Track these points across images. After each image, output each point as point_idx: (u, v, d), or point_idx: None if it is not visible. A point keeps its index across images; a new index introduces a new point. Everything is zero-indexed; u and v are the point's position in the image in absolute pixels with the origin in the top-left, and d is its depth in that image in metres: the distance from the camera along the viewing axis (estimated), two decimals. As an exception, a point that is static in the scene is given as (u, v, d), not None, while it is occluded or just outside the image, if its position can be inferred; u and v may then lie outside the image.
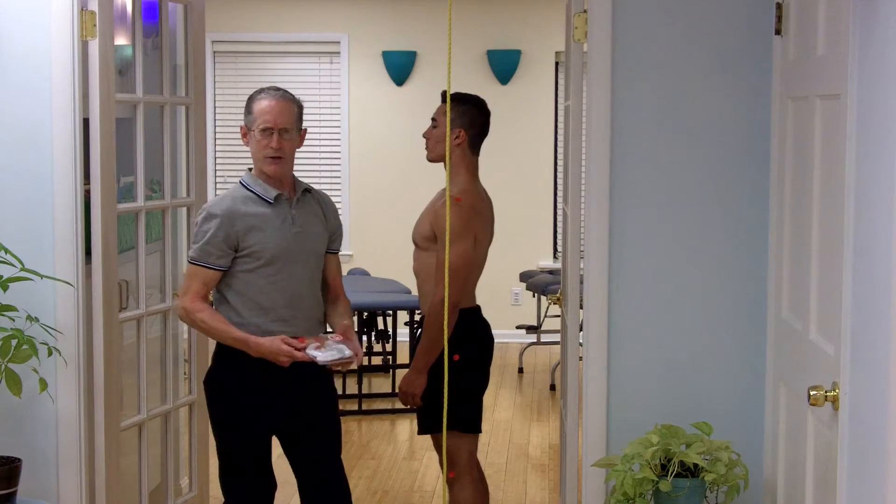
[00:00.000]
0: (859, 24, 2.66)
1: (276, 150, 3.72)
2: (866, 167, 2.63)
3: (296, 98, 3.82)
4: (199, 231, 3.70)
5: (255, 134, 3.75)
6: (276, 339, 3.58)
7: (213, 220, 3.68)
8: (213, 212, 3.70)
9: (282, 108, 3.73)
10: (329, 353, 3.58)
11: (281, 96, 3.76)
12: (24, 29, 3.96)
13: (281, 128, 3.72)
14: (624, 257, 3.85)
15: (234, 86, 9.78)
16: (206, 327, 3.70)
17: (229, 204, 3.72)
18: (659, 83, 3.81)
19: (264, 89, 3.80)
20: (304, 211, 3.82)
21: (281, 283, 3.71)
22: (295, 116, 3.77)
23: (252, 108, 3.76)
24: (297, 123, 3.78)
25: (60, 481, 4.04)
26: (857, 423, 2.68)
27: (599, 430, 3.87)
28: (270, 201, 3.74)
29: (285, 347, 3.57)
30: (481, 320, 4.37)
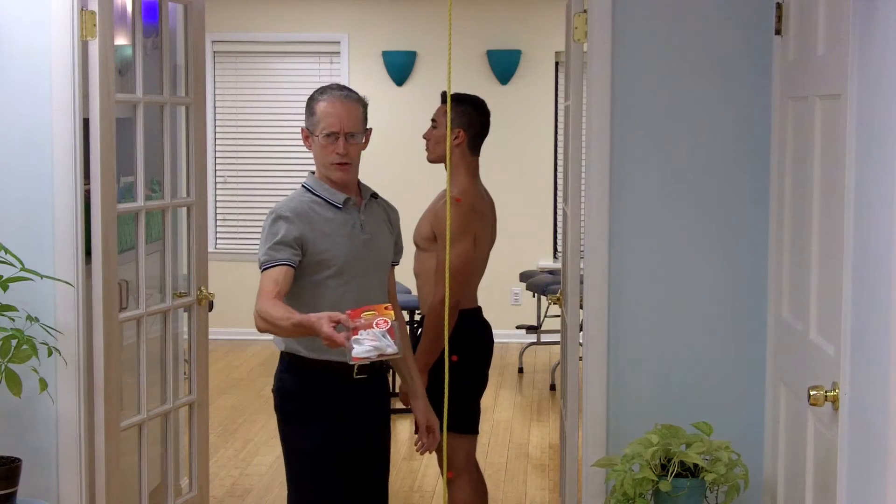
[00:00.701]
0: (859, 24, 2.66)
1: (343, 156, 3.49)
2: (866, 167, 2.63)
3: (361, 96, 3.57)
4: (268, 234, 3.44)
5: (318, 138, 3.49)
6: (322, 316, 3.13)
7: (281, 220, 3.44)
8: (283, 213, 3.46)
9: (348, 110, 3.48)
10: (365, 347, 3.10)
11: (345, 96, 3.51)
12: (24, 29, 3.96)
13: (347, 132, 3.48)
14: (624, 257, 3.85)
15: (234, 86, 9.79)
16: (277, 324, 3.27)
17: (297, 205, 3.49)
18: (659, 83, 3.81)
19: (327, 88, 3.54)
20: (372, 217, 3.62)
21: (351, 294, 3.46)
22: (361, 118, 3.52)
23: (314, 109, 3.51)
24: (363, 125, 3.54)
25: (60, 481, 4.04)
26: (857, 423, 2.68)
27: (599, 430, 3.87)
28: (339, 206, 3.52)
29: (326, 330, 3.09)
30: (482, 321, 4.37)
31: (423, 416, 3.75)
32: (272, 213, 3.49)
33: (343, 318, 3.12)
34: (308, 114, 3.53)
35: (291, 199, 3.54)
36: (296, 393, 3.55)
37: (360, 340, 3.09)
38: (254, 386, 7.96)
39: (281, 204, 3.53)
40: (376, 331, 3.11)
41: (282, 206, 3.50)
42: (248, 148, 9.77)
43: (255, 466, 6.14)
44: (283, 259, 3.38)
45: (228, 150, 9.82)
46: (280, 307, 3.27)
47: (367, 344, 3.08)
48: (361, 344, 3.09)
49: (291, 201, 3.52)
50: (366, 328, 3.12)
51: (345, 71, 9.59)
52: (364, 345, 3.08)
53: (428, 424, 3.74)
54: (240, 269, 9.43)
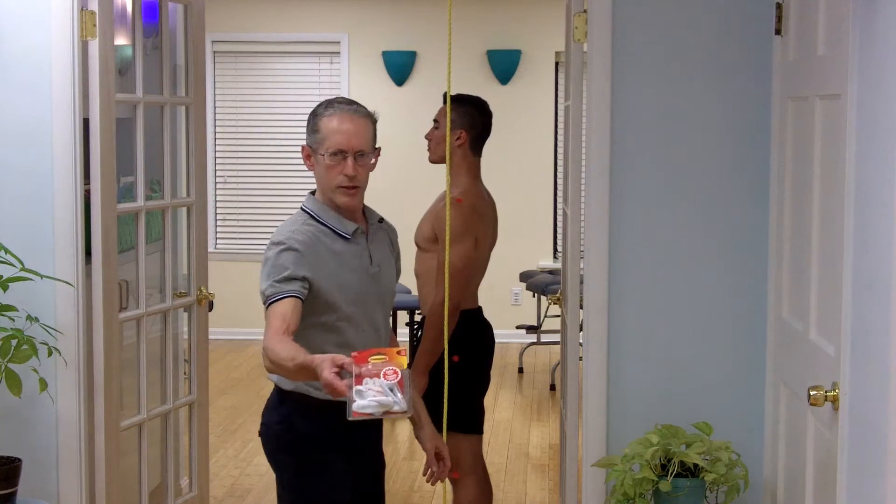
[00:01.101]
0: (859, 24, 2.66)
1: (351, 179, 3.13)
2: (866, 167, 2.63)
3: (370, 111, 3.22)
4: (273, 266, 3.06)
5: (323, 158, 3.14)
6: (325, 359, 2.74)
7: (289, 252, 3.07)
8: (291, 245, 3.08)
9: (357, 127, 3.14)
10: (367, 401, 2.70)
11: (354, 111, 3.16)
12: (24, 29, 3.96)
13: (356, 151, 3.14)
14: (624, 257, 3.85)
15: (234, 86, 9.79)
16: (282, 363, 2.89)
17: (305, 237, 3.11)
18: (659, 83, 3.81)
19: (332, 102, 3.19)
20: (379, 245, 3.30)
21: (359, 335, 3.18)
22: (371, 135, 3.18)
23: (319, 125, 3.15)
24: (373, 143, 3.19)
25: (60, 481, 4.04)
26: (857, 423, 2.68)
27: (599, 430, 3.87)
28: (348, 237, 3.19)
29: (327, 376, 2.69)
30: (483, 321, 4.37)
31: (430, 443, 3.42)
32: (277, 242, 3.11)
33: (347, 363, 2.71)
34: (311, 130, 3.19)
35: (296, 229, 3.14)
36: (313, 437, 3.21)
37: (364, 392, 2.69)
38: (254, 386, 7.96)
39: (285, 232, 3.13)
40: (383, 382, 2.71)
41: (288, 237, 3.11)
42: (248, 148, 9.77)
43: (255, 466, 6.14)
44: (292, 291, 3.02)
45: (228, 150, 9.82)
46: (287, 345, 2.88)
47: (370, 397, 2.69)
48: (364, 396, 2.69)
49: (297, 231, 3.13)
50: (372, 376, 2.72)
51: (345, 71, 9.59)
52: (367, 398, 2.69)
53: (437, 452, 3.41)
54: (240, 269, 9.43)
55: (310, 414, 3.20)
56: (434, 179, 4.98)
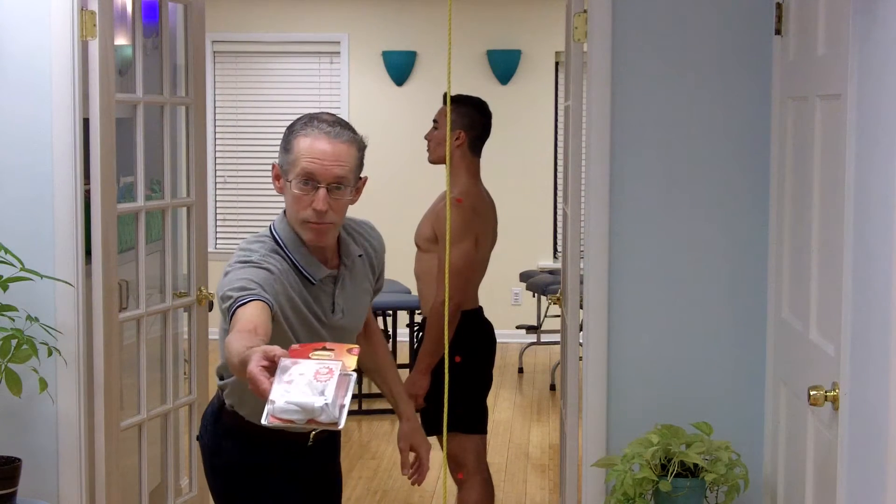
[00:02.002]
0: (859, 24, 2.66)
1: (320, 215, 2.65)
2: (866, 167, 2.63)
3: (356, 135, 2.71)
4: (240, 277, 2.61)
5: (291, 184, 2.66)
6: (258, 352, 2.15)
7: (262, 271, 2.65)
8: (264, 265, 2.65)
9: (336, 153, 2.63)
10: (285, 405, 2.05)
11: (335, 134, 2.65)
12: (24, 29, 3.96)
13: (331, 182, 2.64)
14: (624, 257, 3.85)
15: (234, 86, 9.79)
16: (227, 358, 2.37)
17: (284, 268, 2.70)
18: (659, 83, 3.81)
19: (313, 119, 2.68)
20: (351, 286, 2.86)
21: None
22: (353, 163, 2.67)
23: (291, 143, 2.66)
24: (355, 173, 2.69)
25: (60, 481, 4.04)
26: (857, 423, 2.68)
27: (599, 430, 3.87)
28: (313, 282, 2.75)
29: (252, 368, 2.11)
30: (483, 321, 4.38)
31: (403, 441, 3.14)
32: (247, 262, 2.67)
33: (280, 354, 2.12)
34: (283, 148, 2.69)
35: (266, 254, 2.70)
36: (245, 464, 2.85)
37: (286, 394, 2.05)
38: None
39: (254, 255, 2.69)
40: (314, 383, 2.06)
41: (260, 258, 2.68)
42: (248, 148, 9.77)
43: (255, 466, 6.13)
44: (261, 296, 2.54)
45: (228, 150, 9.82)
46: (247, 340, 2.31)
47: (294, 399, 2.04)
48: (288, 398, 2.04)
49: (268, 256, 2.69)
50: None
51: (345, 71, 9.59)
52: (290, 400, 2.04)
53: (411, 448, 3.12)
54: (240, 269, 9.42)
55: (243, 440, 2.80)
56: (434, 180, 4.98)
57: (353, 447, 6.52)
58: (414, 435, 3.16)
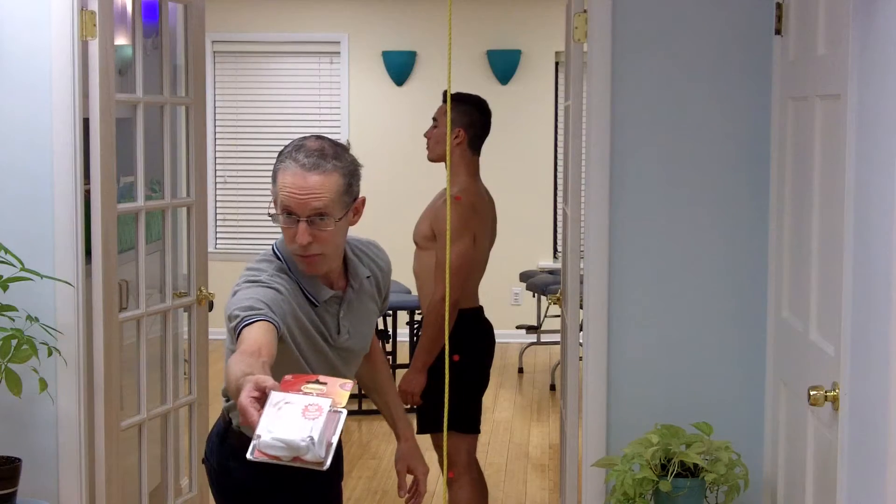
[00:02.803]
0: (859, 24, 2.66)
1: (304, 248, 2.61)
2: (866, 167, 2.63)
3: (340, 160, 2.62)
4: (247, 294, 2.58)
5: (278, 217, 2.63)
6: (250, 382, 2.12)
7: (271, 290, 2.61)
8: (272, 285, 2.62)
9: (312, 187, 2.56)
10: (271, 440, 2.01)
11: (313, 165, 2.56)
12: (24, 29, 3.96)
13: (310, 214, 2.58)
14: (624, 257, 3.85)
15: (234, 86, 9.79)
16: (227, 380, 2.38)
17: (292, 288, 2.67)
18: (659, 83, 3.81)
19: (298, 147, 2.61)
20: (357, 305, 2.85)
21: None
22: (334, 193, 2.59)
23: (276, 175, 2.61)
24: (337, 203, 2.61)
25: (60, 481, 4.04)
26: (857, 423, 2.68)
27: (599, 430, 3.87)
28: (316, 304, 2.73)
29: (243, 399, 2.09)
30: (483, 321, 4.38)
31: (401, 463, 3.09)
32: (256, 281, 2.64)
33: (271, 385, 2.09)
34: (272, 178, 2.65)
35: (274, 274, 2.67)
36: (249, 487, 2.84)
37: (273, 429, 2.00)
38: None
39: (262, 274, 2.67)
40: (303, 420, 2.01)
41: (268, 278, 2.65)
42: (248, 148, 9.78)
43: (255, 466, 6.13)
44: (268, 316, 2.52)
45: (228, 150, 9.82)
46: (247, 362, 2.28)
47: (280, 436, 2.00)
48: (274, 434, 2.00)
49: (275, 276, 2.66)
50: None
51: (345, 71, 9.59)
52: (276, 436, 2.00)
53: (408, 471, 3.07)
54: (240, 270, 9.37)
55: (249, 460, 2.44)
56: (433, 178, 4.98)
57: (353, 447, 6.52)
58: (412, 457, 3.11)
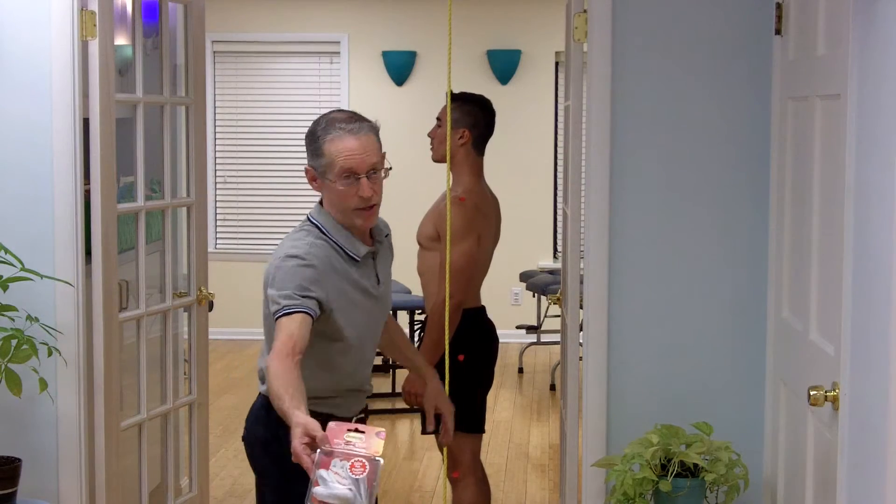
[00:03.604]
0: (859, 24, 2.66)
1: (367, 201, 3.02)
2: (866, 167, 2.63)
3: (371, 122, 3.08)
4: (288, 277, 2.93)
5: (334, 184, 3.01)
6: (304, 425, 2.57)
7: (308, 269, 2.95)
8: (310, 261, 2.96)
9: (364, 146, 3.00)
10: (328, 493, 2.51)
11: (359, 129, 3.01)
12: (24, 29, 3.96)
13: (368, 169, 3.01)
14: (624, 257, 3.85)
15: (234, 86, 9.79)
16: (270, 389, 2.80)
17: (324, 253, 3.01)
18: (659, 83, 3.81)
19: (332, 122, 3.03)
20: (383, 261, 3.23)
21: (360, 356, 3.15)
22: (378, 148, 3.05)
23: (322, 150, 3.01)
24: (381, 155, 3.07)
25: (60, 481, 4.04)
26: (857, 423, 2.68)
27: (599, 430, 3.87)
28: (357, 259, 3.09)
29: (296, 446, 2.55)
30: (486, 320, 4.38)
31: (429, 402, 3.44)
32: (294, 255, 2.97)
33: (320, 438, 2.53)
34: (313, 154, 3.04)
35: (311, 242, 3.02)
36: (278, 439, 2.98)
37: (327, 479, 2.51)
38: (254, 386, 7.92)
39: (302, 247, 3.00)
40: (350, 475, 2.52)
41: (307, 251, 2.98)
42: (248, 148, 9.77)
43: (255, 466, 6.14)
44: (305, 307, 2.89)
45: (228, 150, 9.81)
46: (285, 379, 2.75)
47: (332, 489, 2.50)
48: (328, 485, 2.51)
49: (313, 246, 3.01)
50: (343, 458, 2.54)
51: (345, 71, 9.59)
52: (330, 488, 2.51)
53: (436, 410, 3.43)
54: (240, 269, 9.43)
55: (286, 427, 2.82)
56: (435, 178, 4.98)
57: (353, 447, 6.52)
58: (438, 396, 3.48)
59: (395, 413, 7.28)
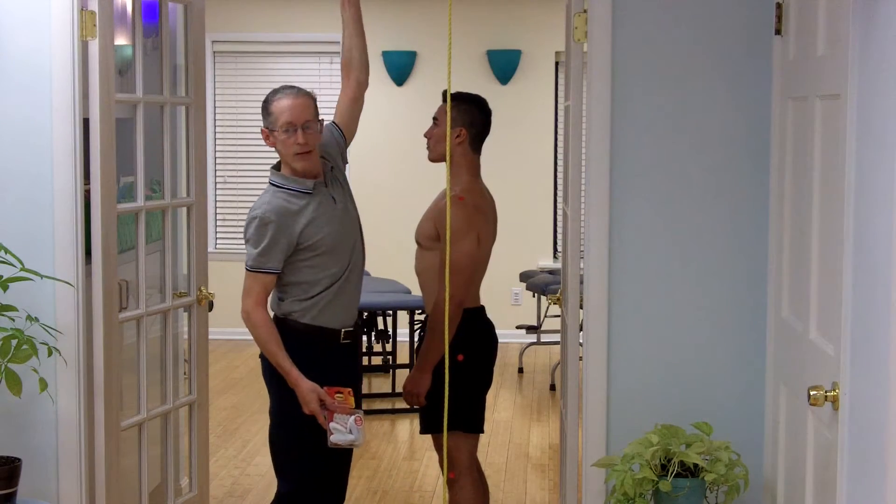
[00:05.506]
0: (859, 24, 2.66)
1: (303, 146, 3.81)
2: (866, 167, 2.63)
3: (309, 91, 3.93)
4: (254, 238, 3.80)
5: (278, 134, 3.82)
6: (315, 391, 3.73)
7: (269, 225, 3.78)
8: (268, 217, 3.78)
9: (301, 104, 3.83)
10: (341, 435, 3.76)
11: (297, 93, 3.87)
12: (24, 29, 3.96)
13: (303, 123, 3.80)
14: (624, 257, 3.85)
15: (234, 86, 9.78)
16: (260, 341, 3.81)
17: (279, 205, 3.80)
18: (659, 83, 3.81)
19: (278, 90, 3.88)
20: (336, 186, 3.95)
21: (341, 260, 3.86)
22: (314, 109, 3.87)
23: (270, 109, 3.84)
24: (316, 115, 3.88)
25: (60, 481, 4.04)
26: (857, 423, 2.68)
27: (599, 430, 3.87)
28: (310, 192, 3.85)
29: (314, 406, 3.73)
30: (485, 320, 4.37)
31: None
32: (255, 217, 3.79)
33: (328, 403, 3.75)
34: (265, 114, 3.85)
35: (270, 201, 3.81)
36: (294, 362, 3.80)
37: (337, 428, 3.75)
38: (253, 386, 7.95)
39: (261, 207, 3.80)
40: (352, 424, 3.76)
41: (264, 210, 3.79)
42: (248, 148, 9.77)
43: (255, 466, 6.14)
44: (272, 268, 3.80)
45: (228, 150, 9.81)
46: (274, 339, 3.77)
47: (344, 434, 3.76)
48: (340, 432, 3.76)
49: (271, 202, 3.80)
50: (341, 412, 3.75)
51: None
52: (342, 434, 3.76)
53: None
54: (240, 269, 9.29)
55: (292, 340, 3.82)
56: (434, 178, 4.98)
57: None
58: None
59: (395, 413, 7.28)
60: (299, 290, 3.86)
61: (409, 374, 4.28)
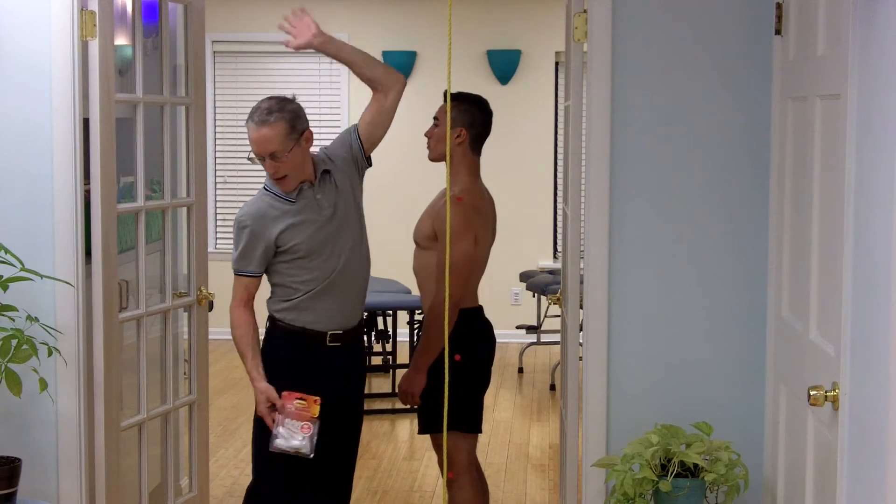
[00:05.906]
0: (859, 24, 2.66)
1: (273, 174, 3.84)
2: (866, 167, 2.63)
3: (283, 112, 3.79)
4: (235, 241, 3.92)
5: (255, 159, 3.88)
6: (265, 393, 3.79)
7: (245, 230, 3.87)
8: (244, 222, 3.89)
9: (262, 139, 3.78)
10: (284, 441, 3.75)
11: (260, 122, 3.78)
12: (24, 29, 3.96)
13: (268, 155, 3.80)
14: (624, 257, 3.85)
15: (234, 86, 9.78)
16: (234, 340, 3.90)
17: (258, 209, 3.88)
18: (659, 83, 3.81)
19: (252, 113, 3.82)
20: (328, 185, 3.91)
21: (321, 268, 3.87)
22: (281, 137, 3.77)
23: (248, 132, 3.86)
24: (285, 142, 3.78)
25: (60, 481, 4.04)
26: (857, 423, 2.68)
27: (599, 430, 3.87)
28: (293, 200, 3.87)
29: (262, 409, 3.80)
30: (483, 320, 4.37)
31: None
32: (236, 221, 3.92)
33: (279, 405, 3.77)
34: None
35: (252, 204, 3.93)
36: (284, 360, 3.90)
37: (281, 433, 3.74)
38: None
39: (244, 211, 3.93)
40: (301, 434, 3.74)
41: (241, 214, 3.92)
42: (247, 148, 9.72)
43: (255, 466, 6.13)
44: (252, 271, 3.90)
45: (228, 150, 9.81)
46: (245, 342, 3.85)
47: (288, 441, 3.74)
48: (284, 437, 3.74)
49: (253, 205, 3.92)
50: (295, 418, 3.73)
51: (345, 71, 9.58)
52: (286, 439, 3.74)
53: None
54: (240, 269, 9.41)
55: (282, 341, 3.93)
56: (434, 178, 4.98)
57: (353, 447, 6.52)
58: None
59: (395, 413, 7.28)
60: (282, 291, 3.92)
61: (404, 374, 4.28)
